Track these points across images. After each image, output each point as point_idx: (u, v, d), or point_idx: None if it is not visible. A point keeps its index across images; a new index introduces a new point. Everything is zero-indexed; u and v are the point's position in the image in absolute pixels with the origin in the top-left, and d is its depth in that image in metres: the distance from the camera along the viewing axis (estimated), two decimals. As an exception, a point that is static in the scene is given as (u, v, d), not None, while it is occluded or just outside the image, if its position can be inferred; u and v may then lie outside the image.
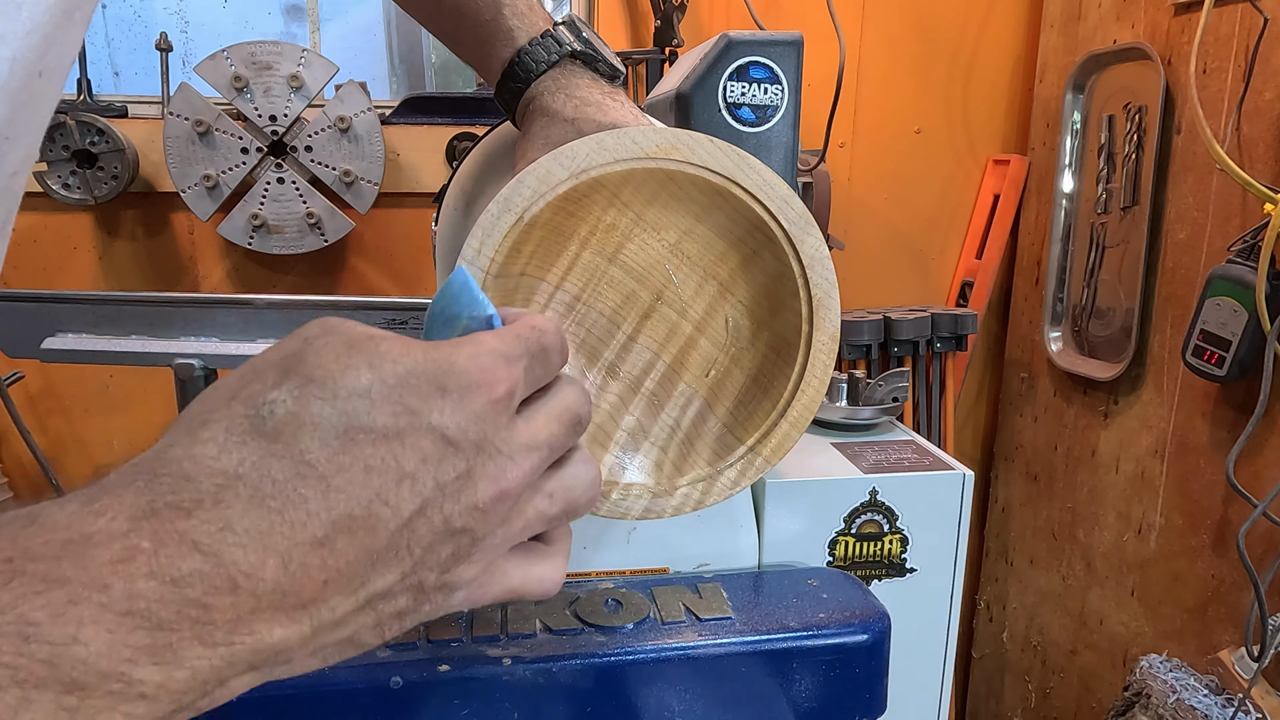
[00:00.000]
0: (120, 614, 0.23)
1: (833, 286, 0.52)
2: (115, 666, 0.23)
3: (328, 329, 0.29)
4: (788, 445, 0.53)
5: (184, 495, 0.25)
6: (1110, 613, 1.42)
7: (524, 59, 0.55)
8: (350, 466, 0.27)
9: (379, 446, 0.27)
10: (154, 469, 0.26)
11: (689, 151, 0.48)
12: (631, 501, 0.52)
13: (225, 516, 0.25)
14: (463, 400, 0.29)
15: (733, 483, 0.53)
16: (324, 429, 0.27)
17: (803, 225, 0.51)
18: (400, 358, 0.28)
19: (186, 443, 0.26)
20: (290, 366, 0.28)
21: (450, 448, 0.29)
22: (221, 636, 0.25)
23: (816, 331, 0.52)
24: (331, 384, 0.27)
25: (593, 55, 0.55)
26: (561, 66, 0.55)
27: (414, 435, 0.28)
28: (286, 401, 0.27)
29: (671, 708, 0.59)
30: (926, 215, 1.64)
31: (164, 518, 0.25)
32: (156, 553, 0.24)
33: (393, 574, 0.29)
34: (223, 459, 0.26)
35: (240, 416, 0.27)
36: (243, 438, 0.26)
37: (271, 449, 0.26)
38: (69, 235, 1.36)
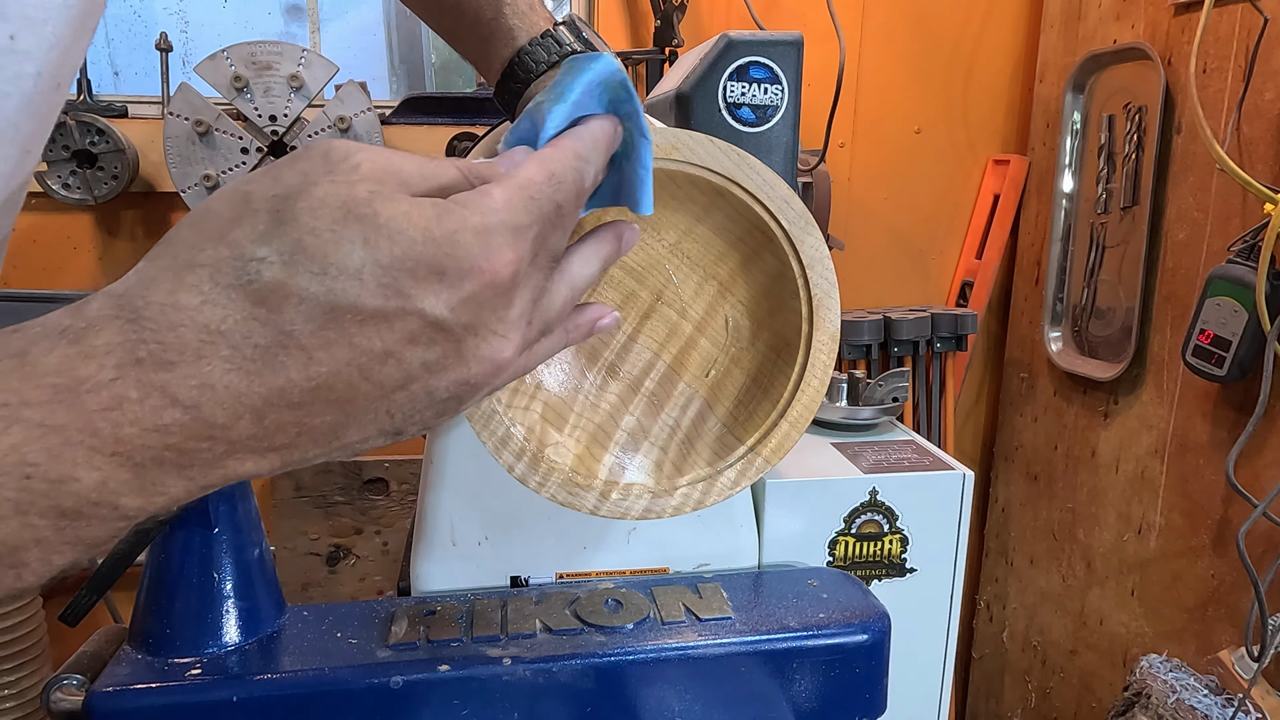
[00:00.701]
0: (108, 455, 0.25)
1: (833, 286, 0.52)
2: (104, 497, 0.26)
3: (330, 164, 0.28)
4: (788, 445, 0.53)
5: (166, 345, 0.26)
6: (1110, 613, 1.42)
7: (524, 59, 0.55)
8: (334, 343, 0.27)
9: (365, 326, 0.27)
10: (137, 310, 0.26)
11: (689, 151, 0.48)
12: (631, 501, 0.52)
13: (204, 374, 0.26)
14: (460, 283, 0.28)
15: (733, 483, 0.53)
16: (310, 304, 0.26)
17: (803, 225, 0.51)
18: (397, 235, 0.27)
19: (171, 284, 0.26)
20: (282, 215, 0.27)
21: (440, 331, 0.28)
22: (197, 472, 0.27)
23: (816, 331, 0.52)
24: (322, 258, 0.26)
25: None
26: (560, 66, 0.55)
27: (402, 319, 0.28)
28: (275, 265, 0.26)
29: (671, 708, 0.59)
30: (926, 215, 1.64)
31: (147, 367, 0.25)
32: (141, 402, 0.25)
33: (370, 429, 0.30)
34: (205, 311, 0.26)
35: (227, 265, 0.26)
36: (227, 293, 0.26)
37: (255, 313, 0.26)
38: (69, 235, 1.36)
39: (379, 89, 1.69)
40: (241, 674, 0.54)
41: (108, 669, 0.54)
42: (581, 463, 0.52)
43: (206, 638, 0.56)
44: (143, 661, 0.55)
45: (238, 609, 0.57)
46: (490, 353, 0.30)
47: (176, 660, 0.55)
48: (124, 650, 0.56)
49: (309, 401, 0.27)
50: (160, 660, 0.55)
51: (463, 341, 0.29)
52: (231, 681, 0.54)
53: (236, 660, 0.56)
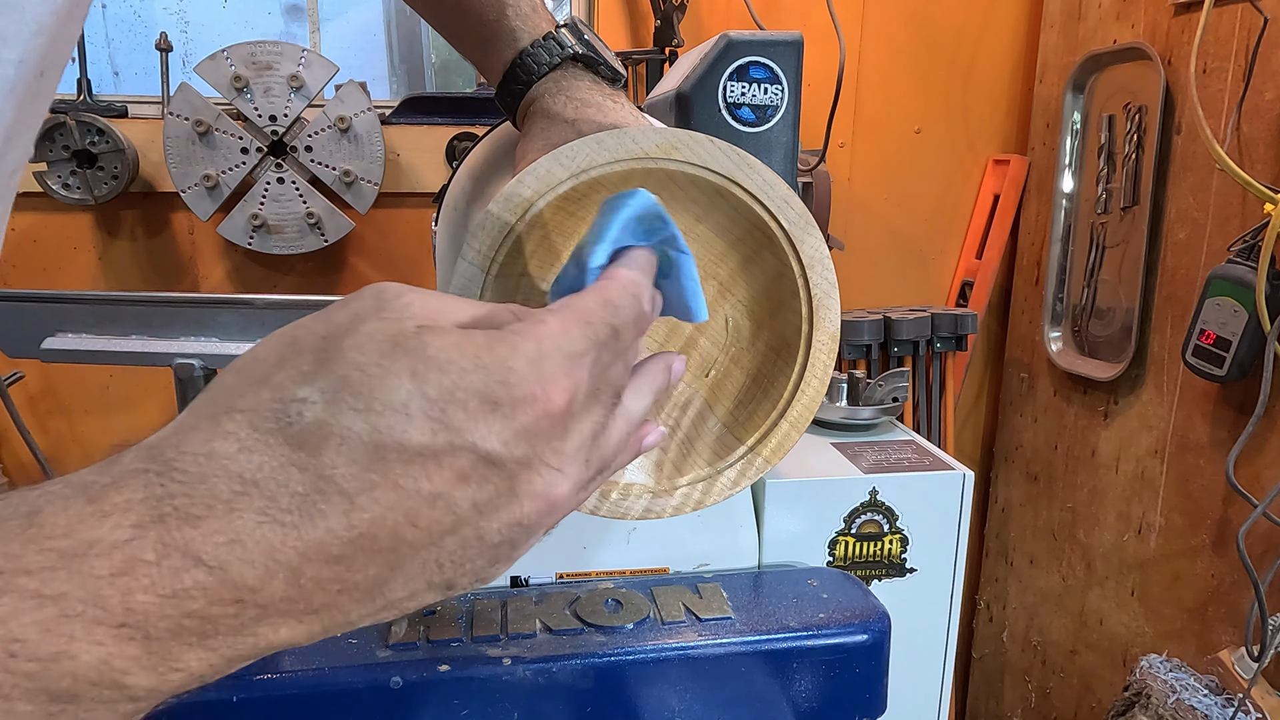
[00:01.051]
0: (114, 627, 0.23)
1: (833, 287, 0.52)
2: (106, 676, 0.23)
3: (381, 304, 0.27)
4: (788, 445, 0.53)
5: (194, 499, 0.24)
6: (1110, 613, 1.42)
7: (526, 61, 0.55)
8: (377, 485, 0.25)
9: (412, 466, 0.25)
10: (168, 461, 0.24)
11: (689, 151, 0.48)
12: (631, 502, 0.52)
13: (235, 528, 0.24)
14: (514, 415, 0.27)
15: (732, 483, 0.53)
16: (352, 443, 0.25)
17: (803, 225, 0.51)
18: (447, 366, 0.26)
19: (207, 431, 0.25)
20: (328, 356, 0.26)
21: (492, 467, 0.26)
22: (223, 642, 0.24)
23: (816, 331, 0.52)
24: (367, 394, 0.25)
25: (594, 58, 0.55)
26: (563, 69, 0.55)
27: (451, 455, 0.26)
28: (317, 405, 0.25)
29: (671, 708, 0.59)
30: (926, 215, 1.64)
31: (170, 525, 0.23)
32: (159, 564, 0.23)
33: (418, 582, 0.27)
34: (240, 460, 0.24)
35: (267, 410, 0.25)
36: (265, 438, 0.25)
37: (293, 457, 0.24)
38: (69, 235, 1.36)
39: (379, 89, 1.69)
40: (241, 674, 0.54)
41: (108, 669, 0.54)
42: None
43: (206, 638, 0.56)
44: (143, 661, 0.55)
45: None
46: (544, 488, 0.28)
47: (176, 660, 0.55)
48: (124, 650, 0.56)
49: (350, 554, 0.25)
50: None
51: (516, 477, 0.27)
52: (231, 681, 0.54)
53: (236, 660, 0.56)
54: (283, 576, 0.24)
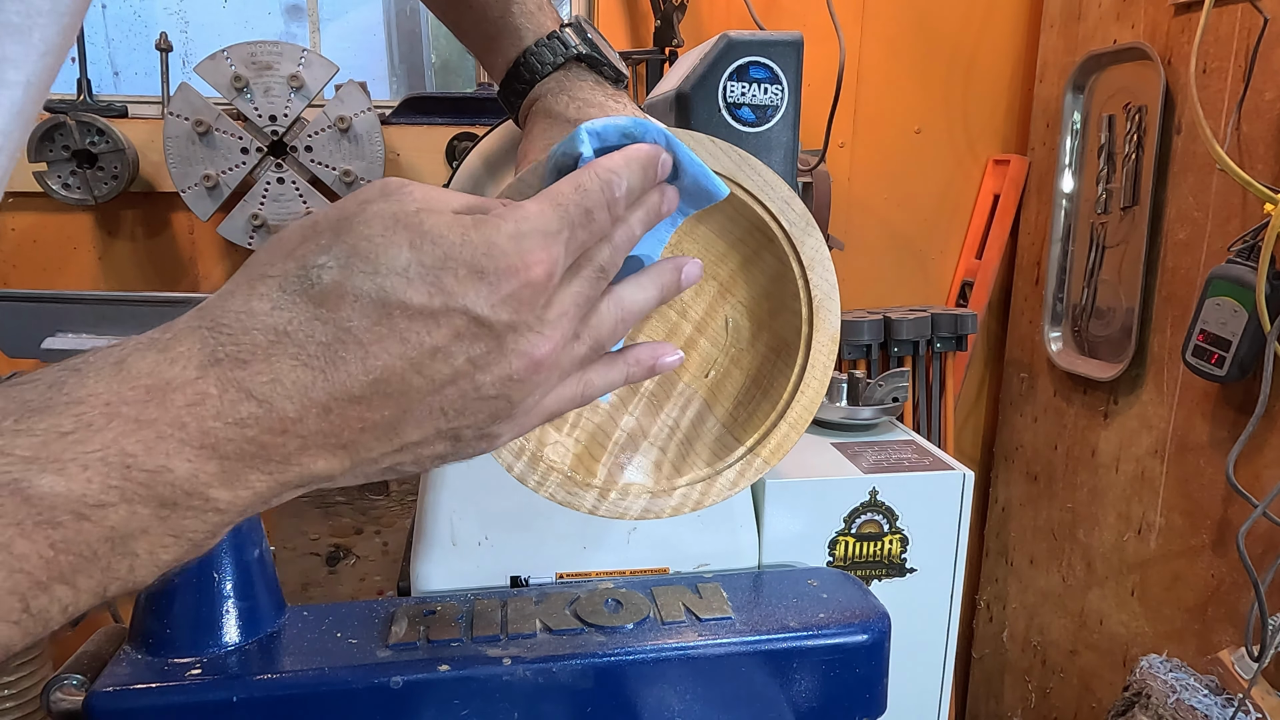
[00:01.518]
0: (196, 447, 0.28)
1: (833, 288, 0.52)
2: (196, 488, 0.28)
3: (386, 192, 0.31)
4: (787, 446, 0.53)
5: (241, 347, 0.29)
6: (1110, 613, 1.42)
7: (530, 60, 0.55)
8: (387, 337, 0.30)
9: (414, 321, 0.30)
10: (215, 318, 0.29)
11: None
12: (630, 501, 0.52)
13: (275, 370, 0.29)
14: (498, 283, 0.31)
15: (731, 483, 0.53)
16: (364, 301, 0.29)
17: (803, 226, 0.50)
18: (440, 238, 0.30)
19: (245, 294, 0.30)
20: (341, 230, 0.30)
21: (482, 327, 0.31)
22: (275, 467, 0.30)
23: (816, 333, 0.52)
24: (373, 258, 0.30)
25: (598, 58, 0.56)
26: (566, 69, 0.55)
27: (447, 315, 0.30)
28: (333, 269, 0.30)
29: (671, 708, 0.59)
30: (926, 215, 1.64)
31: (225, 367, 0.29)
32: (220, 397, 0.28)
33: (427, 428, 0.32)
34: (274, 315, 0.29)
35: (293, 275, 0.30)
36: (293, 298, 0.29)
37: (317, 313, 0.29)
38: (69, 235, 1.36)
39: (379, 89, 1.69)
40: (241, 674, 0.54)
41: (108, 669, 0.54)
42: (580, 462, 0.52)
43: (206, 638, 0.56)
44: (143, 661, 0.55)
45: (238, 609, 0.57)
46: (528, 347, 0.32)
47: (176, 660, 0.55)
48: (124, 650, 0.56)
49: (368, 395, 0.30)
50: (160, 660, 0.55)
51: (503, 338, 0.31)
52: (231, 681, 0.54)
53: (236, 660, 0.56)
54: (315, 412, 0.29)
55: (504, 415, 0.33)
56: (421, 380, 0.31)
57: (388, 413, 0.31)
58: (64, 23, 0.37)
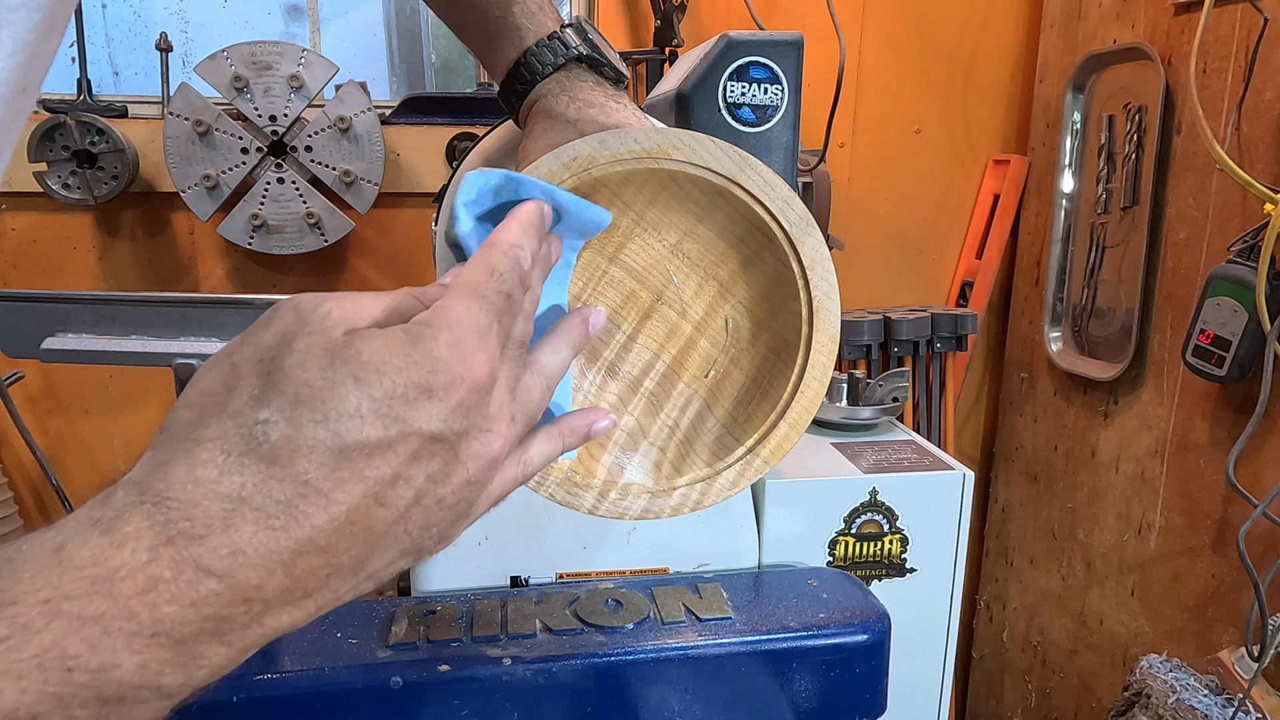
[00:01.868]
0: (148, 637, 0.26)
1: (833, 288, 0.52)
2: (145, 680, 0.26)
3: (301, 318, 0.30)
4: (787, 446, 0.53)
5: (195, 521, 0.27)
6: (1110, 613, 1.42)
7: (530, 61, 0.55)
8: (348, 480, 0.29)
9: (373, 457, 0.29)
10: (160, 492, 0.27)
11: (690, 152, 0.48)
12: (630, 501, 0.52)
13: (234, 541, 0.27)
14: (446, 396, 0.31)
15: (731, 483, 0.53)
16: (320, 451, 0.28)
17: (803, 227, 0.50)
18: (384, 368, 0.30)
19: (186, 464, 0.28)
20: (273, 376, 0.29)
21: (438, 443, 0.31)
22: (236, 636, 0.28)
23: (816, 333, 0.52)
24: (322, 406, 0.29)
25: (598, 59, 0.56)
26: (567, 69, 0.55)
27: (404, 442, 0.30)
28: (279, 424, 0.28)
29: (671, 708, 0.59)
30: (926, 215, 1.64)
31: (179, 546, 0.27)
32: (175, 580, 0.26)
33: (392, 552, 0.31)
34: (224, 481, 0.28)
35: (234, 435, 0.28)
36: (240, 460, 0.28)
37: (270, 471, 0.28)
38: (69, 235, 1.36)
39: (379, 89, 1.69)
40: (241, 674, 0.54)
41: (108, 669, 0.54)
42: (580, 462, 0.52)
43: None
44: (143, 661, 0.55)
45: (238, 609, 0.57)
46: (481, 449, 0.32)
47: (176, 660, 0.55)
48: (124, 650, 0.56)
49: (335, 541, 0.29)
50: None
51: (457, 447, 0.31)
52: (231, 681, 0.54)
53: (236, 660, 0.56)
54: (281, 572, 0.28)
55: (464, 519, 0.34)
56: (385, 511, 0.30)
57: (355, 552, 0.30)
58: (37, 20, 0.36)
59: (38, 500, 1.43)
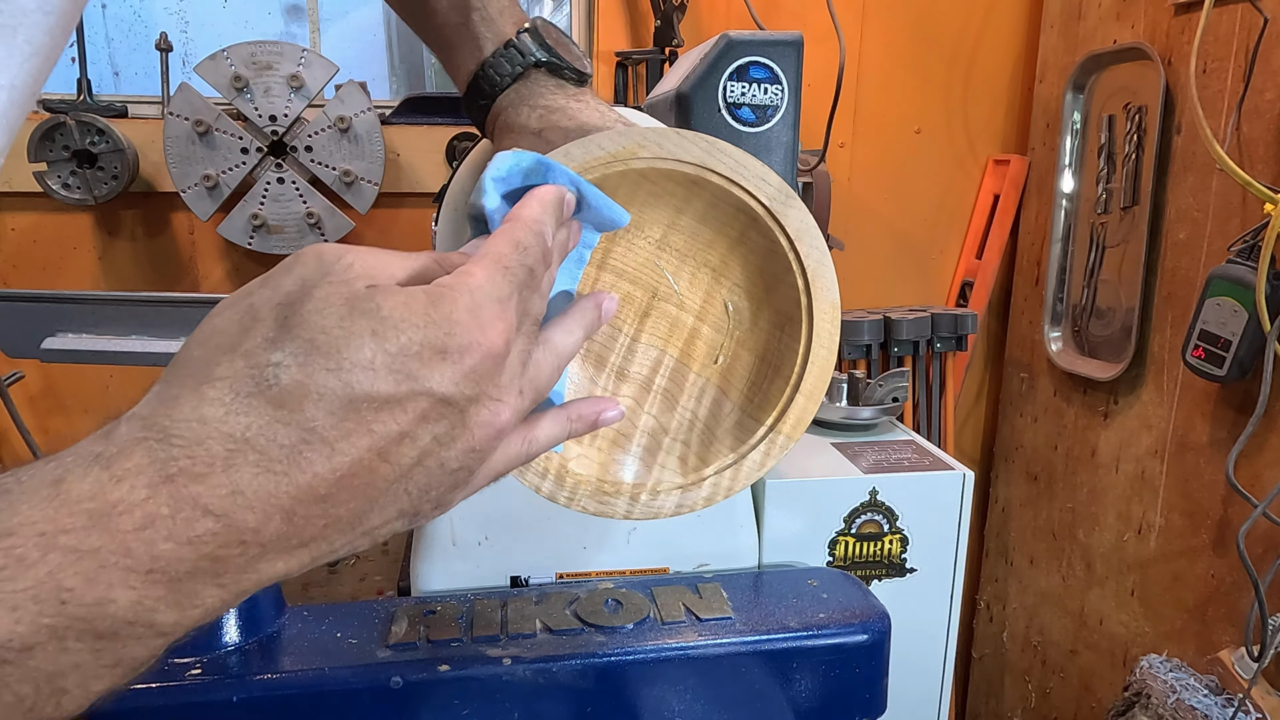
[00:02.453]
0: (143, 574, 0.26)
1: (825, 255, 0.51)
2: (139, 616, 0.26)
3: (325, 268, 0.30)
4: (806, 419, 0.53)
5: (196, 459, 0.27)
6: (1110, 613, 1.42)
7: (488, 73, 0.54)
8: (354, 431, 0.28)
9: (381, 412, 0.29)
10: (164, 428, 0.27)
11: (656, 147, 0.48)
12: (663, 500, 0.52)
13: (234, 481, 0.27)
14: (461, 359, 0.30)
15: (760, 464, 0.53)
16: (329, 399, 0.28)
17: (783, 199, 0.50)
18: (401, 324, 0.29)
19: (193, 400, 0.28)
20: (290, 321, 0.29)
21: (448, 406, 0.30)
22: (230, 579, 0.28)
23: (816, 302, 0.52)
24: (336, 354, 0.28)
25: (557, 63, 0.54)
26: (525, 78, 0.54)
27: (414, 400, 0.29)
28: (291, 368, 0.28)
29: (671, 707, 0.59)
30: (926, 215, 1.64)
31: (178, 483, 0.26)
32: (173, 517, 0.26)
33: (390, 511, 0.31)
34: (230, 421, 0.27)
35: (245, 375, 0.28)
36: (249, 401, 0.28)
37: (277, 415, 0.28)
38: (69, 235, 1.36)
39: (379, 89, 1.69)
40: (241, 674, 0.54)
41: (108, 669, 0.54)
42: (606, 470, 0.52)
43: (207, 638, 0.56)
44: (143, 661, 0.55)
45: (238, 609, 0.57)
46: (489, 417, 0.32)
47: (176, 660, 0.55)
48: (124, 650, 0.56)
49: (335, 492, 0.29)
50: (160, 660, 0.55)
51: (466, 412, 0.31)
52: (231, 681, 0.54)
53: (237, 660, 0.56)
54: (279, 518, 0.28)
55: (463, 485, 0.33)
56: (388, 468, 0.30)
57: (353, 505, 0.29)
58: (51, 23, 0.36)
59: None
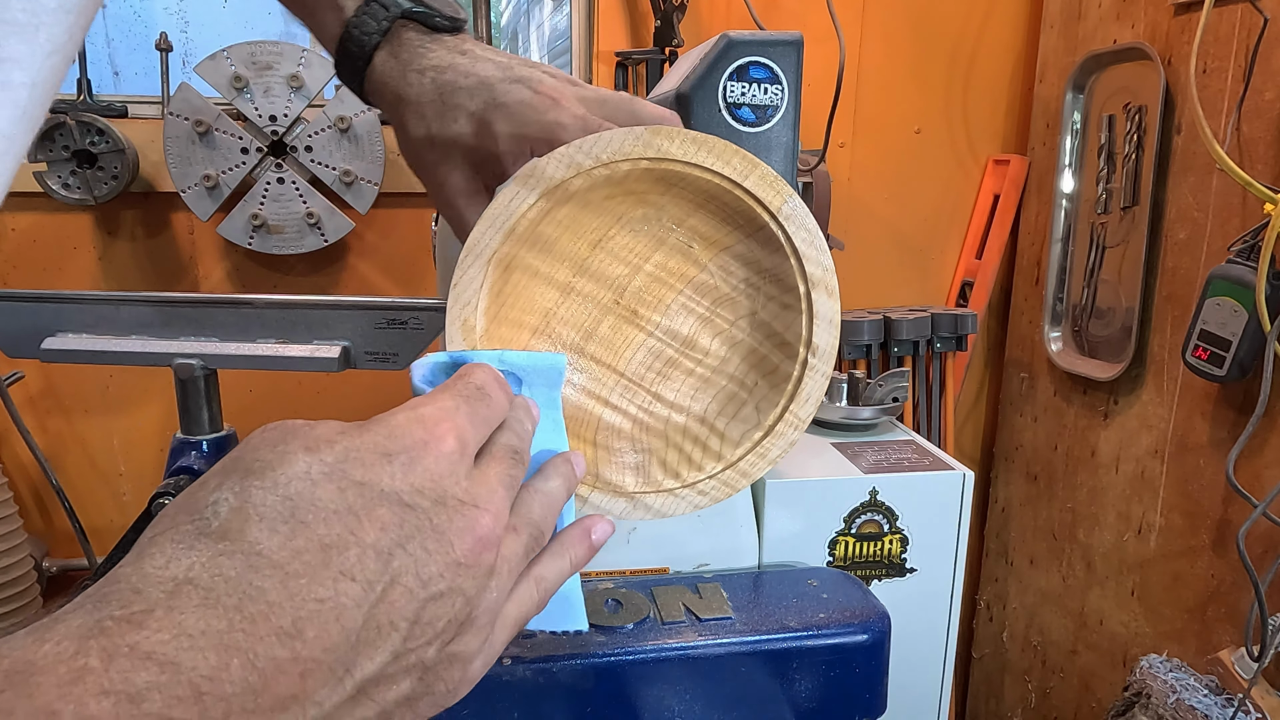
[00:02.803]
0: None
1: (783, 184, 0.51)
2: None
3: (267, 428, 0.29)
4: (818, 395, 0.53)
5: (133, 608, 0.24)
6: (1110, 613, 1.42)
7: (353, 33, 0.49)
8: (305, 549, 0.26)
9: (332, 524, 0.26)
10: (101, 591, 0.24)
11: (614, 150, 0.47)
12: (704, 485, 0.53)
13: (178, 622, 0.23)
14: (409, 462, 0.28)
15: (788, 440, 0.53)
16: (270, 517, 0.26)
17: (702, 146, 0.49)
18: (335, 438, 0.28)
19: (134, 561, 0.25)
20: (230, 468, 0.28)
21: (407, 510, 0.28)
22: None
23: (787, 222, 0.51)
24: (271, 473, 0.27)
25: (427, 11, 0.49)
26: (397, 38, 0.49)
27: (367, 508, 0.27)
28: (229, 500, 0.26)
29: (671, 708, 0.59)
30: (926, 215, 1.64)
31: (112, 634, 0.23)
32: (107, 670, 0.22)
33: (382, 654, 0.27)
34: (171, 567, 0.25)
35: (185, 526, 0.26)
36: (190, 543, 0.25)
37: (219, 547, 0.25)
38: (69, 235, 1.36)
39: (379, 89, 1.69)
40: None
41: (108, 669, 0.54)
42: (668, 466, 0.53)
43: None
44: (143, 661, 0.55)
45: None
46: (466, 524, 0.29)
47: (176, 660, 0.55)
48: (124, 650, 0.56)
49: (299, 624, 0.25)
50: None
51: (434, 517, 0.28)
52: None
53: (236, 660, 0.56)
54: (238, 661, 0.24)
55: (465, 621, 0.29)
56: (355, 587, 0.26)
57: (327, 642, 0.25)
58: (70, 21, 0.36)
59: (38, 500, 1.43)
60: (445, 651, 0.29)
